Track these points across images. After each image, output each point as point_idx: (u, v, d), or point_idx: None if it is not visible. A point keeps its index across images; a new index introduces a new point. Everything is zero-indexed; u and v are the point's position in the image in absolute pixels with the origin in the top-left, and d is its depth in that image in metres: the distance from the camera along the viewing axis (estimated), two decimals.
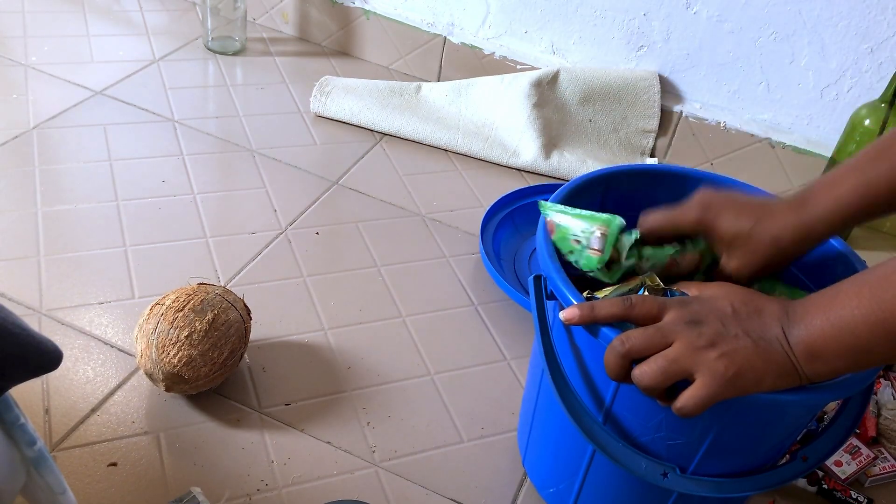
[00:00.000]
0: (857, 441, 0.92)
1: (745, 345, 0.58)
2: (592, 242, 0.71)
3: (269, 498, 0.80)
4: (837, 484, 0.88)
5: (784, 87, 1.32)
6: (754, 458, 0.70)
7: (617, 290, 0.70)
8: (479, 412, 0.92)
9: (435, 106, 1.42)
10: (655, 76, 1.38)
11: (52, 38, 1.44)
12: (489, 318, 1.05)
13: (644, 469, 0.67)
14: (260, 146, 1.28)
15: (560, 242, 0.73)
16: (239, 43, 1.50)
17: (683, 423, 0.65)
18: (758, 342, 0.58)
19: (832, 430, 0.70)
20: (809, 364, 0.57)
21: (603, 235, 0.71)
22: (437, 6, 1.47)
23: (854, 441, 0.92)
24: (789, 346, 0.58)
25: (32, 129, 1.22)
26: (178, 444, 0.83)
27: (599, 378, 0.68)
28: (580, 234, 0.72)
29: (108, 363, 0.90)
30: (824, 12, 1.23)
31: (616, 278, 0.72)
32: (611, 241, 0.71)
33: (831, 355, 0.56)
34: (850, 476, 0.89)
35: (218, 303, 0.85)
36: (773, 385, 0.58)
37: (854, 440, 0.92)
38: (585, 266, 0.72)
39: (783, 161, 1.35)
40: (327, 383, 0.92)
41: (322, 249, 1.11)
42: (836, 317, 0.56)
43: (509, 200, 1.19)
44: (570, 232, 0.72)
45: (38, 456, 0.59)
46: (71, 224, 1.07)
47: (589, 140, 1.40)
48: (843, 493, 0.87)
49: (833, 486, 0.87)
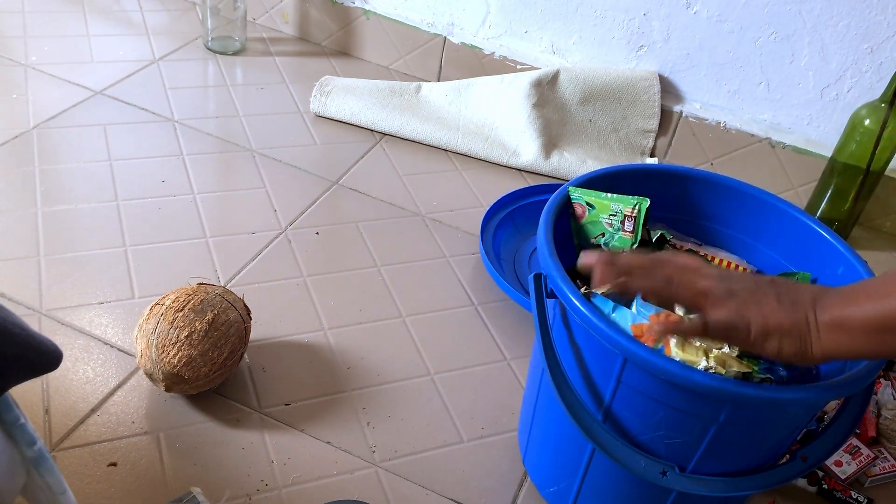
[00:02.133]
0: (857, 441, 0.92)
1: (766, 300, 0.58)
2: (626, 224, 0.74)
3: (269, 498, 0.80)
4: (837, 484, 0.88)
5: (784, 87, 1.32)
6: (753, 457, 0.70)
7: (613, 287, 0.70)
8: (479, 412, 0.92)
9: (435, 106, 1.42)
10: (655, 76, 1.38)
11: (51, 38, 1.44)
12: (489, 318, 1.05)
13: (643, 467, 0.67)
14: (260, 146, 1.28)
15: (591, 226, 0.75)
16: (239, 43, 1.50)
17: (682, 422, 0.65)
18: (781, 300, 0.58)
19: (832, 430, 0.69)
20: (830, 334, 0.57)
21: (633, 217, 0.74)
22: (437, 6, 1.47)
23: (854, 441, 0.92)
24: (815, 314, 0.57)
25: (32, 129, 1.22)
26: (178, 444, 0.83)
27: (599, 376, 0.68)
28: (612, 217, 0.75)
29: (108, 363, 0.90)
30: (824, 12, 1.23)
31: None
32: (640, 223, 0.75)
33: (858, 329, 0.56)
34: (850, 476, 0.89)
35: (218, 303, 0.85)
36: (777, 344, 0.57)
37: (854, 440, 0.92)
38: (617, 247, 0.74)
39: (783, 161, 1.35)
40: (327, 383, 0.92)
41: (322, 249, 1.11)
42: (882, 294, 0.56)
43: (509, 200, 1.19)
44: (603, 214, 0.75)
45: (38, 456, 0.59)
46: (71, 224, 1.07)
47: (589, 140, 1.40)
48: (843, 493, 0.87)
49: (833, 486, 0.87)
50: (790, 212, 0.81)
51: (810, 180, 1.33)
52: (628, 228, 0.76)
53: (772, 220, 0.82)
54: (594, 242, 0.78)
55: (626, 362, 0.64)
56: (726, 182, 0.83)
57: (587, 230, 0.77)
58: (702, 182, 0.84)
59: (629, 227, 0.76)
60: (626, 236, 0.76)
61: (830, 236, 0.77)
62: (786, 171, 1.35)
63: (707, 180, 0.83)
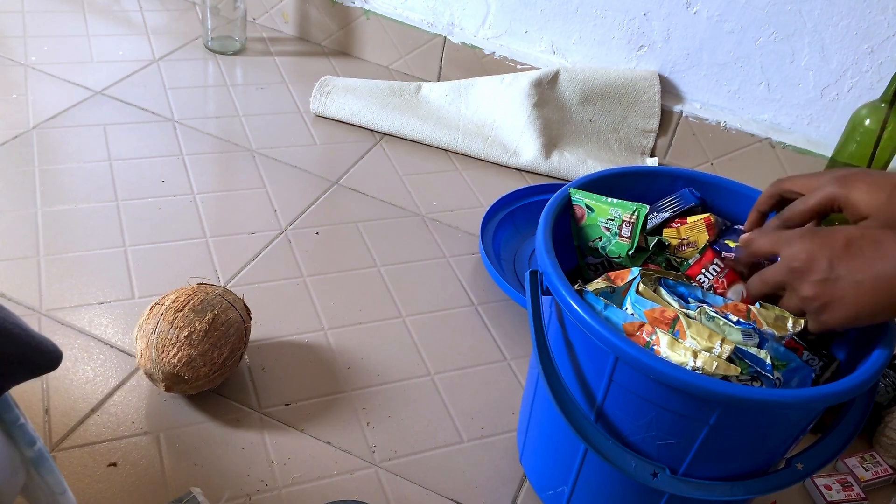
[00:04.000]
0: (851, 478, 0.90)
1: (842, 292, 0.60)
2: (623, 230, 0.74)
3: (269, 498, 0.80)
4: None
5: (784, 87, 1.32)
6: (747, 462, 0.69)
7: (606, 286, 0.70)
8: (479, 412, 0.92)
9: (435, 106, 1.42)
10: (655, 76, 1.38)
11: (51, 38, 1.44)
12: (489, 318, 1.05)
13: (634, 468, 0.67)
14: (260, 146, 1.28)
15: (589, 229, 0.75)
16: (239, 43, 1.50)
17: (674, 423, 0.65)
18: (860, 285, 0.59)
19: (830, 438, 0.68)
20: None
21: (632, 223, 0.74)
22: (437, 6, 1.47)
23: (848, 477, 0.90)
24: None
25: (32, 129, 1.22)
26: (178, 445, 0.83)
27: (592, 375, 0.68)
28: (610, 222, 0.75)
29: (107, 363, 0.90)
30: (824, 12, 1.23)
31: (639, 263, 0.75)
32: (638, 229, 0.75)
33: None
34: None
35: (218, 303, 0.85)
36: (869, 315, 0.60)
37: (849, 476, 0.90)
38: (613, 252, 0.74)
39: (783, 161, 1.35)
40: (327, 383, 0.92)
41: (322, 249, 1.11)
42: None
43: (509, 200, 1.19)
44: (601, 218, 0.75)
45: (38, 456, 0.59)
46: (71, 224, 1.07)
47: (589, 140, 1.40)
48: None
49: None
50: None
51: None
52: (625, 234, 0.76)
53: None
54: (591, 245, 0.78)
55: (617, 361, 0.64)
56: (728, 185, 0.83)
57: (586, 232, 0.78)
58: (703, 185, 0.83)
59: (626, 232, 0.76)
60: (623, 241, 0.76)
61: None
62: (786, 171, 1.35)
63: (709, 183, 0.83)
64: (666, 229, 0.80)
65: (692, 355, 0.62)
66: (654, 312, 0.66)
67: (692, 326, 0.64)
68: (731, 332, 0.65)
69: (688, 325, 0.64)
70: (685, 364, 0.62)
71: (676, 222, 0.80)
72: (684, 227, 0.79)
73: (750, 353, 0.63)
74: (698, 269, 0.73)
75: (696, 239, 0.78)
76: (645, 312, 0.66)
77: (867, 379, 0.62)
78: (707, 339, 0.64)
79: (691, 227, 0.79)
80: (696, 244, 0.78)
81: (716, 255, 0.73)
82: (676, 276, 0.72)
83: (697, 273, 0.73)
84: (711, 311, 0.67)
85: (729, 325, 0.65)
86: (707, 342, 0.63)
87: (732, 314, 0.67)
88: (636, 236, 0.76)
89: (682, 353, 0.63)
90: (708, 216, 0.79)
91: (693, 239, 0.78)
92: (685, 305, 0.69)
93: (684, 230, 0.79)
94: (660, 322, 0.66)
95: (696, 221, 0.79)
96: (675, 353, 0.63)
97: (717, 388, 0.60)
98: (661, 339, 0.64)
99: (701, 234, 0.78)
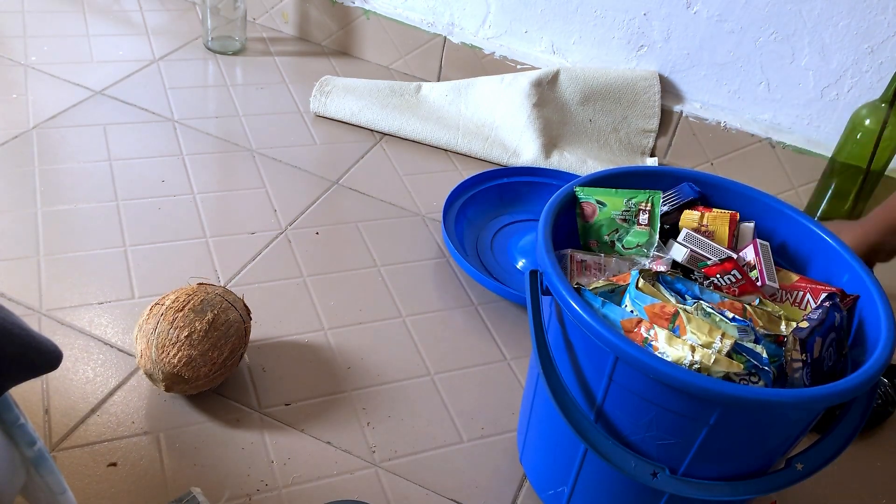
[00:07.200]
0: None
1: None
2: (640, 217, 0.74)
3: (269, 498, 0.80)
4: None
5: (784, 87, 1.32)
6: (747, 462, 0.69)
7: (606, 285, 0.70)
8: (479, 412, 0.92)
9: (435, 106, 1.42)
10: (655, 76, 1.38)
11: (51, 38, 1.44)
12: (489, 318, 1.05)
13: (633, 468, 0.67)
14: (260, 146, 1.28)
15: (602, 224, 0.74)
16: (239, 43, 1.50)
17: (674, 423, 0.65)
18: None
19: (831, 437, 0.68)
20: None
21: (648, 210, 0.74)
22: (437, 6, 1.47)
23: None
24: None
25: (32, 129, 1.22)
26: (178, 444, 0.83)
27: (592, 375, 0.68)
28: (626, 213, 0.75)
29: (107, 363, 0.90)
30: (824, 12, 1.23)
31: (650, 253, 0.75)
32: (657, 215, 0.75)
33: None
34: None
35: (218, 303, 0.85)
36: None
37: None
38: (631, 242, 0.74)
39: (783, 161, 1.35)
40: (327, 383, 0.92)
41: (322, 249, 1.11)
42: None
43: (454, 197, 1.18)
44: (615, 211, 0.75)
45: (38, 456, 0.59)
46: (71, 224, 1.07)
47: (589, 140, 1.40)
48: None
49: None
50: (794, 217, 0.80)
51: (810, 180, 1.33)
52: (643, 221, 0.76)
53: (776, 225, 0.81)
54: (607, 240, 0.77)
55: (617, 360, 0.64)
56: (729, 186, 0.82)
57: (598, 229, 0.77)
58: (704, 185, 0.83)
59: (644, 219, 0.76)
60: (642, 230, 0.76)
61: (835, 242, 0.77)
62: (786, 171, 1.35)
63: (710, 183, 0.83)
64: (687, 211, 0.80)
65: (690, 350, 0.62)
66: (654, 308, 0.66)
67: (692, 321, 0.64)
68: (728, 329, 0.65)
69: (688, 320, 0.64)
70: (683, 359, 0.62)
71: (700, 208, 0.80)
72: (709, 215, 0.78)
73: (748, 348, 0.64)
74: (715, 272, 0.73)
75: (716, 230, 0.78)
76: (645, 308, 0.66)
77: (867, 379, 0.62)
78: (707, 334, 0.64)
79: (715, 216, 0.78)
80: (713, 234, 0.78)
81: (736, 267, 0.73)
82: (673, 272, 0.72)
83: (713, 274, 0.73)
84: (708, 308, 0.67)
85: (725, 321, 0.66)
86: (707, 337, 0.63)
87: (729, 311, 0.67)
88: (656, 223, 0.76)
89: (680, 347, 0.63)
90: (735, 213, 0.79)
91: (713, 229, 0.78)
92: (682, 301, 0.69)
93: (709, 217, 0.78)
94: (660, 317, 0.66)
95: (722, 213, 0.78)
96: (673, 349, 0.63)
97: (716, 388, 0.60)
98: (660, 335, 0.64)
99: (722, 227, 0.77)
